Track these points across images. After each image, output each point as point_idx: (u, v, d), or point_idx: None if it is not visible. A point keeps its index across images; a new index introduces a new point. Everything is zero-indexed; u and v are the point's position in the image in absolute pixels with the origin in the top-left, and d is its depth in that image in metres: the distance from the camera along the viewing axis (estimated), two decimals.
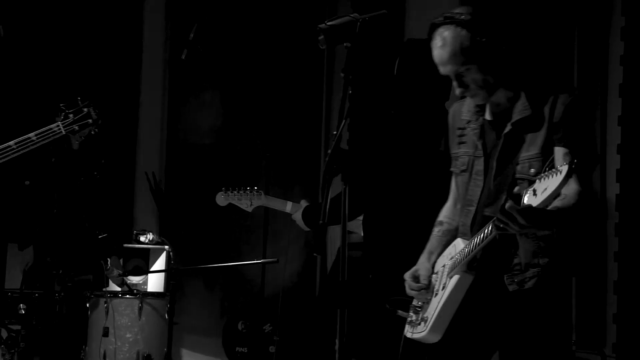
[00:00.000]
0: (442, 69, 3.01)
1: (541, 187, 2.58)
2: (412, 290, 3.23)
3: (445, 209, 3.34)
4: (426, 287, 3.20)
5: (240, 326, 6.27)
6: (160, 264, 6.05)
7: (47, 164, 5.28)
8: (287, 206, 4.91)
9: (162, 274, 5.99)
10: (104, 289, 5.66)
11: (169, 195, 6.88)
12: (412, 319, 3.26)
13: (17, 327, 5.51)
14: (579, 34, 5.21)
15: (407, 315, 3.30)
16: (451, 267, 3.10)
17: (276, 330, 6.04)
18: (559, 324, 3.04)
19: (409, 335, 3.25)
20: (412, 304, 3.27)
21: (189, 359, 6.79)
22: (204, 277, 6.82)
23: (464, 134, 3.16)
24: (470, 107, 3.16)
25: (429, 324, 3.11)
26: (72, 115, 4.17)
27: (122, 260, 5.92)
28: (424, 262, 3.27)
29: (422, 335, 3.14)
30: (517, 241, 2.98)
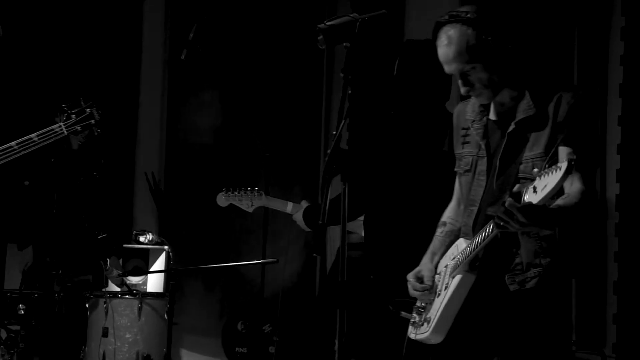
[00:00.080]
0: (447, 68, 2.99)
1: (541, 184, 2.57)
2: (415, 291, 3.22)
3: (448, 210, 3.34)
4: (429, 288, 3.19)
5: (239, 326, 6.26)
6: (159, 264, 6.05)
7: (46, 164, 5.28)
8: (288, 207, 4.90)
9: (162, 274, 5.98)
10: (104, 289, 5.65)
11: (169, 195, 6.87)
12: (415, 320, 3.24)
13: (17, 328, 5.50)
14: (579, 34, 5.21)
15: (410, 316, 3.28)
16: (453, 267, 3.09)
17: (276, 330, 6.03)
18: (559, 324, 3.03)
19: (412, 336, 3.24)
20: (415, 305, 3.26)
21: (188, 359, 6.78)
22: (204, 277, 6.82)
23: (468, 134, 3.15)
24: (474, 107, 3.15)
25: (431, 324, 3.10)
26: (74, 115, 4.16)
27: (121, 260, 5.91)
28: (426, 262, 3.26)
29: (425, 335, 3.13)
30: (519, 241, 2.97)
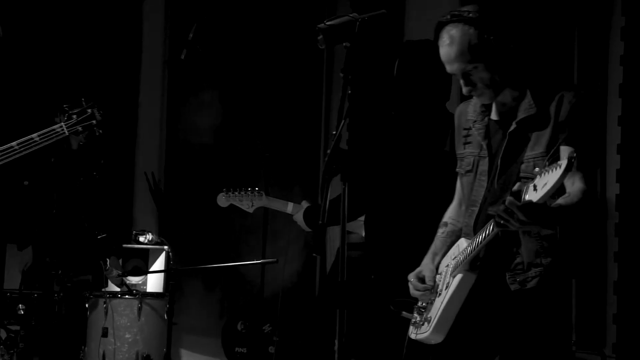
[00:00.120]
0: (449, 68, 2.99)
1: (541, 182, 2.56)
2: (416, 291, 3.21)
3: (450, 210, 3.33)
4: (430, 288, 3.19)
5: (239, 326, 6.26)
6: (159, 264, 6.05)
7: (46, 164, 5.28)
8: (288, 207, 4.90)
9: (162, 274, 5.98)
10: (103, 290, 5.65)
11: (168, 195, 6.87)
12: (416, 320, 3.24)
13: (16, 328, 5.50)
14: (579, 34, 5.21)
15: (411, 316, 3.28)
16: (454, 266, 3.08)
17: (275, 330, 6.03)
18: (559, 324, 3.03)
19: (413, 336, 3.23)
20: (416, 305, 3.25)
21: (188, 359, 6.78)
22: (204, 277, 6.81)
23: (470, 134, 3.14)
24: (476, 108, 3.14)
25: (432, 323, 3.09)
26: (75, 116, 4.15)
27: (121, 260, 5.91)
28: (428, 263, 3.25)
29: (426, 335, 3.13)
30: (520, 240, 2.97)
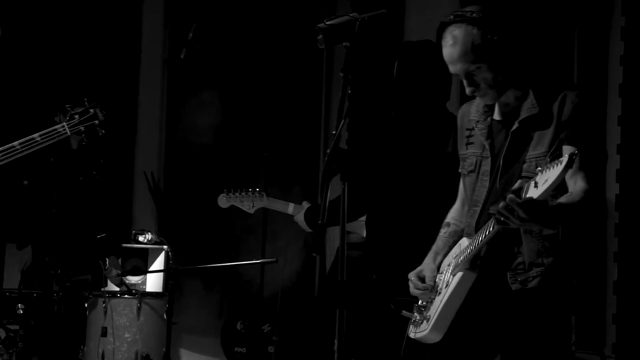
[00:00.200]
0: (452, 68, 2.98)
1: (542, 179, 2.56)
2: (416, 289, 3.21)
3: (452, 211, 3.33)
4: (430, 287, 3.18)
5: (239, 326, 6.26)
6: (158, 263, 6.04)
7: (45, 163, 5.28)
8: (289, 208, 4.90)
9: (161, 274, 5.97)
10: (103, 289, 5.65)
11: (168, 195, 6.86)
12: (415, 319, 3.23)
13: (16, 327, 5.50)
14: (579, 34, 5.21)
15: (411, 315, 3.27)
16: (455, 265, 3.08)
17: (275, 330, 6.03)
18: (560, 324, 3.02)
19: (412, 335, 3.22)
20: (417, 304, 3.25)
21: (187, 359, 6.78)
22: (203, 277, 6.81)
23: (472, 135, 3.14)
24: (479, 108, 3.14)
25: (430, 322, 3.09)
26: (77, 116, 4.14)
27: (120, 260, 5.90)
28: (429, 262, 3.25)
29: (424, 334, 3.12)
30: (521, 239, 2.96)
